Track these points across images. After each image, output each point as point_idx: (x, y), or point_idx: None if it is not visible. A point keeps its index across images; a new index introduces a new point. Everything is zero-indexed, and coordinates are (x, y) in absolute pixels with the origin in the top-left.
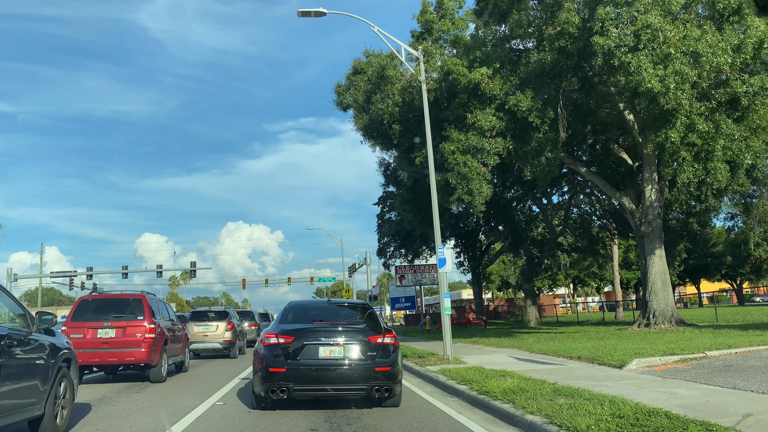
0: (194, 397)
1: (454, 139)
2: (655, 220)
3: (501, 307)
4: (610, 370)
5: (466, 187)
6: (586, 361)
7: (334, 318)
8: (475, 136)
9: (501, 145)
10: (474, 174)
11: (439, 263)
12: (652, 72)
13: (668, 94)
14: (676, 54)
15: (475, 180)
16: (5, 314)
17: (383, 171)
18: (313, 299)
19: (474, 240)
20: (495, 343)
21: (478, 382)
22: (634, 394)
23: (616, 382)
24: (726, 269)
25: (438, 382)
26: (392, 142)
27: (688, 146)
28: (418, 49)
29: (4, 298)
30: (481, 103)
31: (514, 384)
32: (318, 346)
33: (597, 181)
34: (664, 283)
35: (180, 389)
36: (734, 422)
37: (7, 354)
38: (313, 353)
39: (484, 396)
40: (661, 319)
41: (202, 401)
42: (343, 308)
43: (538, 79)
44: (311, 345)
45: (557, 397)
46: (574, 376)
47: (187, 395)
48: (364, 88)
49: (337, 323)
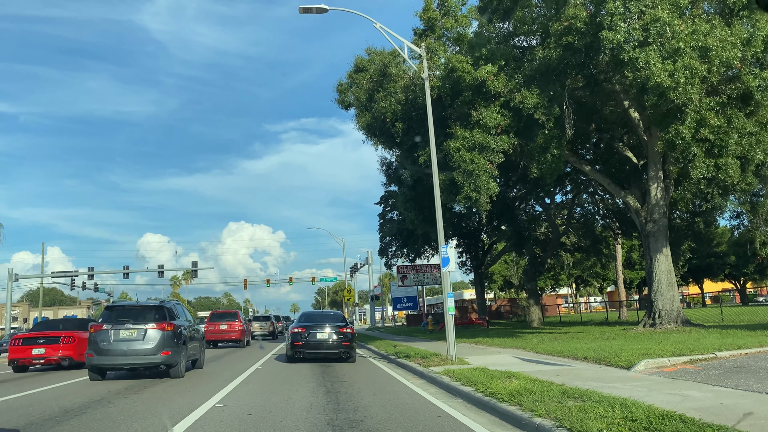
0: (259, 356)
1: (460, 136)
2: (660, 218)
3: (504, 307)
4: (617, 371)
5: (473, 184)
6: (593, 361)
7: (323, 320)
8: (480, 133)
9: (506, 142)
10: (481, 170)
11: (442, 262)
12: (661, 67)
13: (678, 88)
14: (685, 48)
15: (482, 177)
16: (191, 318)
17: (385, 170)
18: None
19: (476, 240)
20: (498, 344)
21: (483, 384)
22: (645, 396)
23: (626, 384)
24: (729, 269)
25: (442, 384)
26: (395, 140)
27: (700, 142)
28: (421, 46)
29: (186, 312)
30: (485, 101)
31: (520, 385)
32: (316, 332)
33: (602, 180)
34: (670, 282)
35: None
36: (753, 426)
37: (194, 331)
38: (314, 335)
39: (490, 398)
40: (666, 319)
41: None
42: (328, 315)
43: (543, 76)
44: (313, 331)
45: (566, 399)
46: (582, 377)
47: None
48: (366, 86)
49: (325, 322)
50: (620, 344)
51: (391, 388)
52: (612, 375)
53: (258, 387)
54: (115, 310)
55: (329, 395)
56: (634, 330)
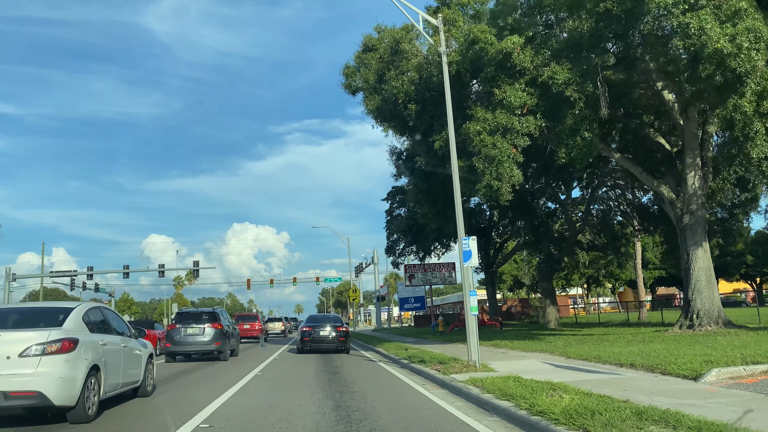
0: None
1: (480, 117)
2: (698, 209)
3: (515, 307)
4: (682, 381)
5: (495, 171)
6: (643, 369)
7: (325, 321)
8: (503, 114)
9: (532, 124)
10: (504, 156)
11: (463, 256)
12: (719, 31)
13: (740, 55)
14: (748, 9)
15: (506, 163)
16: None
17: (395, 160)
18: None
19: (488, 237)
20: (520, 347)
21: (524, 398)
22: (751, 421)
23: (707, 400)
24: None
25: (470, 396)
26: (407, 124)
27: (762, 116)
28: (438, 18)
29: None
30: (509, 77)
31: (574, 402)
32: (320, 330)
33: (632, 168)
34: (709, 279)
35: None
36: None
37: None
38: (318, 333)
39: (539, 417)
40: (706, 320)
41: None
42: (329, 317)
43: (573, 50)
44: (317, 330)
45: (646, 424)
46: (643, 389)
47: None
48: (376, 67)
49: (326, 323)
50: (665, 348)
51: (411, 402)
52: (679, 387)
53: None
54: (183, 315)
55: (338, 410)
56: (670, 332)
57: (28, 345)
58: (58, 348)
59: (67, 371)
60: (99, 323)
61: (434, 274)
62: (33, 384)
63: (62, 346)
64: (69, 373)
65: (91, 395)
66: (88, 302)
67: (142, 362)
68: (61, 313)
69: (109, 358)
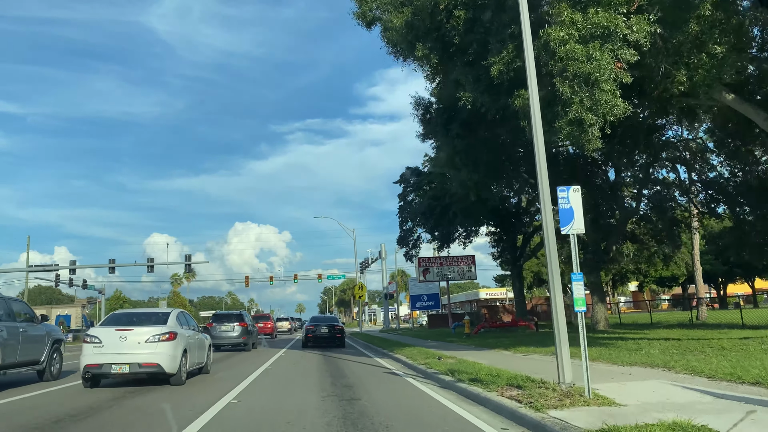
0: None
1: (566, 20)
2: None
3: (540, 306)
4: None
5: (589, 100)
6: None
7: (324, 321)
8: (603, 13)
9: (644, 28)
10: (605, 73)
11: (561, 218)
12: None
13: None
14: None
15: (605, 84)
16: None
17: (422, 115)
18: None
19: (516, 226)
20: (599, 356)
21: None
22: None
23: None
24: None
25: None
26: (449, 45)
27: None
28: None
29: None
30: None
31: None
32: (320, 328)
33: (754, 116)
34: None
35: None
36: None
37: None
38: (319, 330)
39: None
40: None
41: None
42: (328, 318)
43: None
44: (318, 328)
45: None
46: None
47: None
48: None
49: (326, 322)
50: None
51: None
52: None
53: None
54: (218, 316)
55: None
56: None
57: (150, 335)
58: (167, 337)
59: (172, 351)
60: (185, 322)
61: (451, 269)
62: (154, 358)
63: (169, 336)
64: (173, 352)
65: (183, 368)
66: (177, 309)
67: (206, 349)
68: (164, 315)
69: (191, 345)
